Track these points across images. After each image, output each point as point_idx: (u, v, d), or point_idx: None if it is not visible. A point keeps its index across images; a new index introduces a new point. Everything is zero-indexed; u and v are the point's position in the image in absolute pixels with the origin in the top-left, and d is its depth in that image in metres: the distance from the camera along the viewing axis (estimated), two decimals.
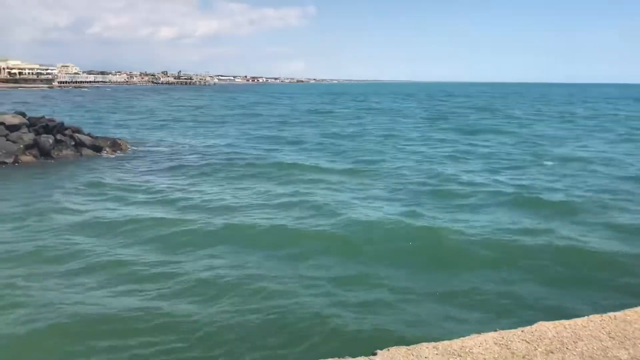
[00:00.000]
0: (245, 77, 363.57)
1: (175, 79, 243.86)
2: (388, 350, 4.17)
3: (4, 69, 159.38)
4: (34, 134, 25.90)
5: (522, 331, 4.52)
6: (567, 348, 4.24)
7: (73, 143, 26.94)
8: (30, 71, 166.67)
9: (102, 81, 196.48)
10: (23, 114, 27.46)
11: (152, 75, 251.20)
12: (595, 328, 4.59)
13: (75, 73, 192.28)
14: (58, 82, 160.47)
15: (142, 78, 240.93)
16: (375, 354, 4.09)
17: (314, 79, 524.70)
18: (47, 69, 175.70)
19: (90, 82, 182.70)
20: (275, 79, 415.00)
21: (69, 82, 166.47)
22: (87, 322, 8.61)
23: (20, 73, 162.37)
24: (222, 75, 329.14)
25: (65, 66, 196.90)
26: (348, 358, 4.09)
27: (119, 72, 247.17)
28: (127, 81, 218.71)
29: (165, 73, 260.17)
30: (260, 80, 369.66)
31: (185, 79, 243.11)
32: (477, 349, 4.22)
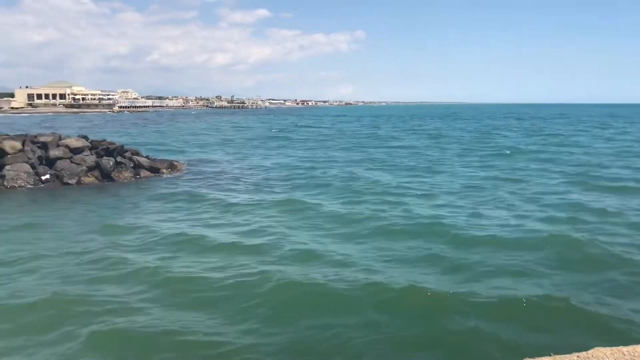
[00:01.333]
0: (295, 100, 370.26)
1: (228, 103, 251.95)
2: None
3: (68, 94, 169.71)
4: (96, 157, 27.25)
5: (577, 357, 4.37)
6: None
7: (132, 165, 28.07)
8: (93, 97, 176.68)
9: (160, 106, 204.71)
10: (86, 137, 28.96)
11: (207, 99, 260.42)
12: None
13: (135, 98, 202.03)
14: (118, 106, 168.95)
15: (197, 102, 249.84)
16: None
17: (362, 102, 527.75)
18: (108, 95, 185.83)
19: (148, 106, 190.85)
20: (324, 102, 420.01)
21: (128, 107, 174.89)
22: None
23: (83, 98, 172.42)
24: (273, 99, 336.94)
25: (125, 92, 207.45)
26: None
27: (175, 97, 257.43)
28: (183, 105, 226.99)
29: (219, 97, 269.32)
30: (310, 103, 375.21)
31: (238, 103, 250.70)
32: None
